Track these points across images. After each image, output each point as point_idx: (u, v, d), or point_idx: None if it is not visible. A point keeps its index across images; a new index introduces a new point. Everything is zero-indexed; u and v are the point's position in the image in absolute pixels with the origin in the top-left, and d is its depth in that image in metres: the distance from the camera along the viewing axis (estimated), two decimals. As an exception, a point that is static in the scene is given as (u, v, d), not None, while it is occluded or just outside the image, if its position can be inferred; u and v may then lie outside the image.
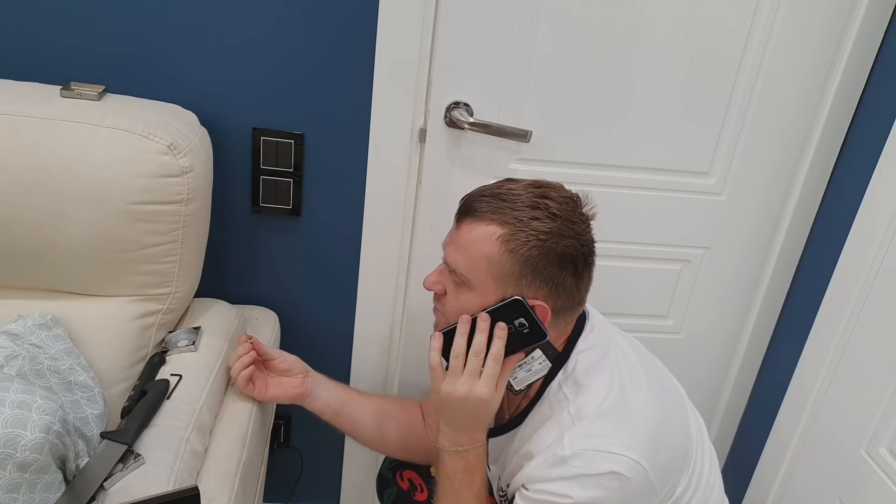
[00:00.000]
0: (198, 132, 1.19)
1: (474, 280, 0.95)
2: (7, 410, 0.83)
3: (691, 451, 1.03)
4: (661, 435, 0.95)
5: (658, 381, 1.03)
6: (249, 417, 1.18)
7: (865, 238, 1.31)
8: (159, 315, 1.20)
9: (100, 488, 0.91)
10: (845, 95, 1.37)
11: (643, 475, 0.91)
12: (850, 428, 1.34)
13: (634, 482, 0.90)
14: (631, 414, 0.94)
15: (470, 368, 0.95)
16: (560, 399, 0.98)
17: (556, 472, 0.91)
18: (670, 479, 0.97)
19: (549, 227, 0.92)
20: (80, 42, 1.23)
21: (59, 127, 1.08)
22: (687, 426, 1.04)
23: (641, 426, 0.93)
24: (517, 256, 0.92)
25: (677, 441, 0.99)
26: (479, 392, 0.94)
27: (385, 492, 1.32)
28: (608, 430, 0.92)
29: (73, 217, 1.08)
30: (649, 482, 0.92)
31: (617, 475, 0.89)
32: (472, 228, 0.94)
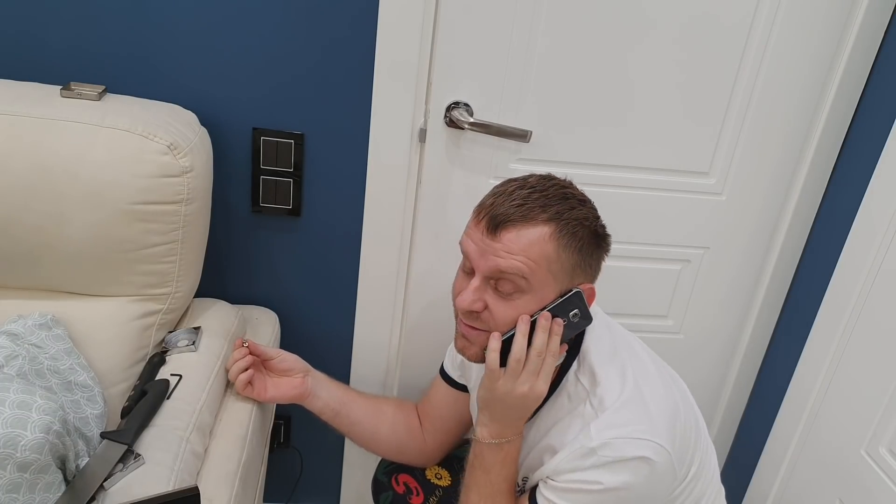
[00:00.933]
0: (198, 132, 1.19)
1: (536, 283, 0.95)
2: (7, 410, 0.83)
3: (700, 434, 1.06)
4: (676, 419, 0.97)
5: (662, 368, 1.06)
6: (249, 417, 1.18)
7: (865, 238, 1.31)
8: (159, 315, 1.20)
9: (100, 488, 0.91)
10: (845, 95, 1.37)
11: (668, 458, 0.93)
12: (850, 428, 1.34)
13: (661, 465, 0.92)
14: (647, 401, 0.96)
15: (531, 368, 0.96)
16: (579, 391, 1.00)
17: (587, 463, 0.93)
18: (685, 462, 0.99)
19: (584, 213, 0.96)
20: (80, 42, 1.23)
21: (59, 127, 1.08)
22: (694, 410, 1.07)
23: (659, 412, 0.96)
24: (572, 249, 0.94)
25: (689, 424, 1.01)
26: (539, 390, 0.97)
27: (381, 496, 1.33)
28: (631, 418, 0.94)
29: (73, 217, 1.08)
30: (671, 465, 0.94)
31: (646, 460, 0.91)
32: (521, 233, 0.93)
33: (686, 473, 1.01)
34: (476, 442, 1.02)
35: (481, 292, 0.98)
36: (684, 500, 1.03)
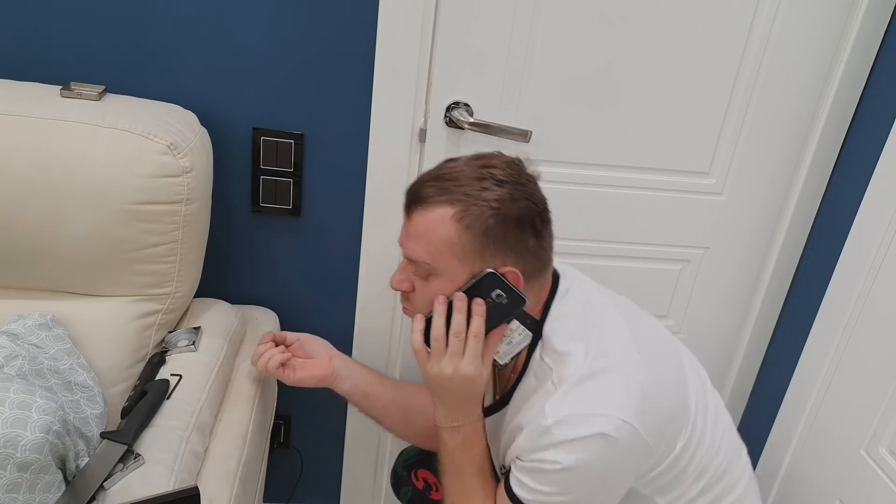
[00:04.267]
0: (198, 132, 1.19)
1: (440, 266, 0.94)
2: (7, 410, 0.83)
3: (690, 409, 1.02)
4: (650, 394, 0.94)
5: (645, 340, 1.02)
6: (249, 417, 1.18)
7: (865, 238, 1.31)
8: (159, 315, 1.20)
9: (100, 488, 0.91)
10: (845, 95, 1.37)
11: (632, 433, 0.90)
12: (850, 428, 1.34)
13: (624, 441, 0.89)
14: (613, 376, 0.93)
15: (452, 349, 0.95)
16: (544, 370, 0.97)
17: (545, 442, 0.91)
18: (665, 437, 0.96)
19: (499, 195, 0.92)
20: (80, 42, 1.23)
21: (59, 127, 1.08)
22: (684, 385, 1.03)
23: (625, 386, 0.92)
24: (475, 231, 0.92)
25: (671, 400, 0.98)
26: (464, 371, 0.95)
27: (401, 490, 1.33)
28: (588, 394, 0.91)
29: (73, 217, 1.08)
30: (641, 440, 0.91)
31: (602, 436, 0.88)
32: (425, 215, 0.94)
33: (670, 448, 0.98)
34: (437, 426, 1.02)
35: (408, 273, 0.99)
36: (680, 473, 1.00)
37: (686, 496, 1.03)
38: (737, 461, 1.09)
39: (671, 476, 1.00)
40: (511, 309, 0.95)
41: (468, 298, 0.95)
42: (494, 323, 0.96)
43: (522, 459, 0.95)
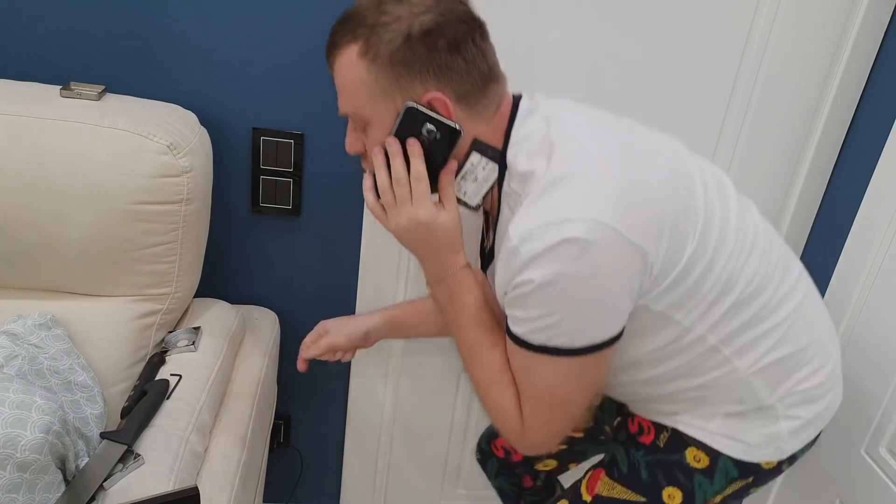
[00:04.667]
0: (198, 132, 1.19)
1: (366, 113, 0.88)
2: (7, 410, 0.83)
3: (698, 212, 0.88)
4: (629, 192, 0.83)
5: (628, 145, 0.90)
6: (249, 417, 1.18)
7: (866, 238, 1.31)
8: (159, 315, 1.20)
9: (100, 488, 0.91)
10: (845, 95, 1.37)
11: (610, 234, 0.79)
12: (850, 428, 1.34)
13: (602, 244, 0.79)
14: (578, 180, 0.82)
15: (399, 198, 0.89)
16: (513, 197, 0.88)
17: (515, 264, 0.82)
18: (664, 241, 0.84)
19: (395, 15, 0.83)
20: (80, 42, 1.23)
21: (58, 127, 1.08)
22: (686, 187, 0.89)
23: (594, 188, 0.81)
24: (382, 61, 0.84)
25: (663, 200, 0.85)
26: (417, 217, 0.88)
27: (487, 464, 1.35)
28: (551, 202, 0.81)
29: (72, 217, 1.08)
30: (626, 242, 0.80)
31: (572, 241, 0.78)
32: (338, 64, 0.87)
33: (678, 253, 0.86)
34: (427, 287, 0.97)
35: (356, 133, 0.93)
36: (697, 284, 0.88)
37: (710, 314, 0.91)
38: (780, 280, 0.96)
39: (686, 288, 0.88)
40: (449, 142, 0.86)
41: (401, 141, 0.87)
42: (438, 161, 0.88)
43: (507, 293, 0.86)
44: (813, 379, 0.99)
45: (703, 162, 0.97)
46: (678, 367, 0.95)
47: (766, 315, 0.94)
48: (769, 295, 0.94)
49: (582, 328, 0.84)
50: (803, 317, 0.98)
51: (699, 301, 0.90)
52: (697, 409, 0.99)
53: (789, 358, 0.97)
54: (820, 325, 1.02)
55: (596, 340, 0.85)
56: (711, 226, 0.89)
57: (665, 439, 1.02)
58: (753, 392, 0.97)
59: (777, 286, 0.95)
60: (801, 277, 1.01)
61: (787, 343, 0.96)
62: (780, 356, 0.96)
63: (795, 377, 0.98)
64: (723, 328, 0.92)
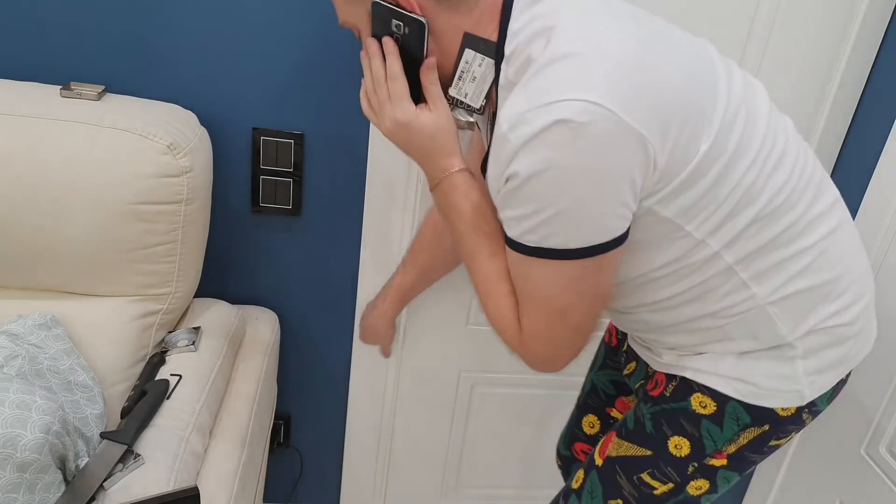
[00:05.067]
0: (197, 132, 1.19)
1: (350, 19, 0.87)
2: (7, 410, 0.84)
3: (717, 108, 0.79)
4: (636, 72, 0.74)
5: (649, 30, 0.80)
6: (249, 417, 1.18)
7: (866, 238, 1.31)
8: (159, 315, 1.20)
9: (99, 488, 0.91)
10: (845, 95, 1.37)
11: (607, 117, 0.70)
12: (851, 428, 1.34)
13: (596, 127, 0.70)
14: (581, 57, 0.73)
15: (380, 99, 0.86)
16: (510, 88, 0.80)
17: (504, 155, 0.74)
18: (673, 130, 0.75)
19: None
20: (80, 42, 1.23)
21: (58, 127, 1.08)
22: (708, 82, 0.80)
23: (597, 65, 0.73)
24: None
25: (676, 88, 0.76)
26: (396, 116, 0.85)
27: (572, 468, 1.29)
28: (544, 82, 0.73)
29: (72, 217, 1.08)
30: (626, 126, 0.71)
31: (563, 122, 0.70)
32: None
33: (691, 148, 0.77)
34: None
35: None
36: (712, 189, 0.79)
37: (727, 228, 0.82)
38: (812, 200, 0.87)
39: (698, 193, 0.79)
40: (419, 37, 0.81)
41: (378, 42, 0.84)
42: (418, 58, 0.83)
43: (500, 191, 0.79)
44: (841, 317, 0.91)
45: (733, 66, 0.87)
46: (689, 289, 0.87)
47: (792, 238, 0.85)
48: (797, 214, 0.85)
49: (578, 226, 0.75)
50: (836, 246, 0.89)
51: (714, 211, 0.81)
52: (708, 345, 0.92)
53: (815, 290, 0.88)
54: (855, 258, 0.92)
55: (595, 241, 0.76)
56: (733, 127, 0.79)
57: (672, 389, 0.96)
58: (772, 325, 0.88)
59: (808, 207, 0.86)
60: (837, 204, 0.91)
61: (814, 273, 0.87)
62: (806, 286, 0.87)
63: (821, 313, 0.89)
64: (741, 247, 0.84)
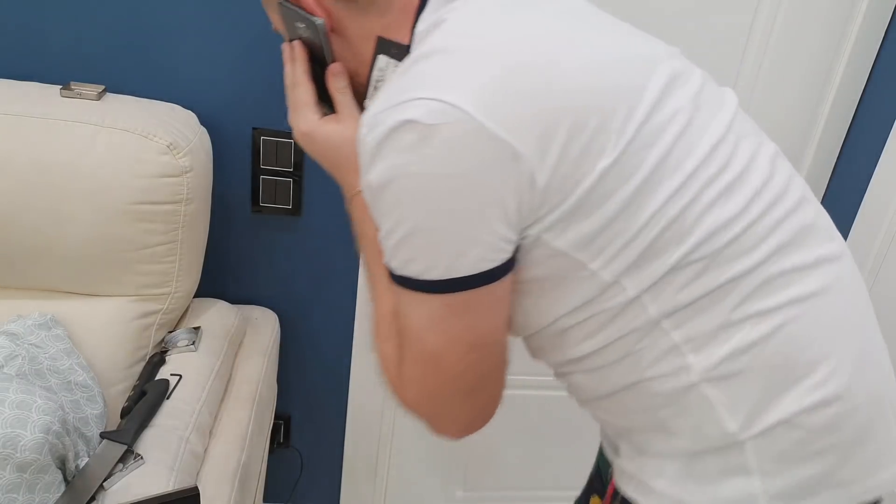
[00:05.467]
0: (197, 132, 1.19)
1: (275, 23, 0.81)
2: (7, 410, 0.83)
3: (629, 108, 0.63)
4: (518, 73, 0.61)
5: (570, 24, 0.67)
6: (249, 418, 1.18)
7: (866, 239, 1.31)
8: (159, 315, 1.20)
9: (99, 488, 0.91)
10: (845, 95, 1.37)
11: (463, 121, 0.58)
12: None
13: (447, 131, 0.58)
14: (451, 52, 0.62)
15: (290, 105, 0.78)
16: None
17: (364, 161, 0.64)
18: (554, 143, 0.60)
19: None
20: (80, 42, 1.23)
21: (58, 127, 1.08)
22: (626, 87, 0.64)
23: (469, 61, 0.61)
24: None
25: (570, 92, 0.61)
26: (298, 125, 0.77)
27: None
28: (406, 81, 0.62)
29: (72, 217, 1.08)
30: (487, 133, 0.58)
31: (409, 124, 0.59)
32: None
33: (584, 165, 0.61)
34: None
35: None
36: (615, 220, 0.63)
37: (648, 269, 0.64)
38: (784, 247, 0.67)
39: (600, 221, 0.63)
40: (316, 36, 0.73)
41: (289, 44, 0.78)
42: (321, 61, 0.76)
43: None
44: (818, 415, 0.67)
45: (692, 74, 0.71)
46: (612, 343, 0.69)
47: (743, 295, 0.65)
48: (753, 263, 0.65)
49: (435, 252, 0.62)
50: (815, 317, 0.67)
51: (625, 246, 0.64)
52: (649, 436, 0.72)
53: (776, 371, 0.66)
54: (847, 338, 0.70)
55: (457, 273, 0.62)
56: (655, 142, 0.63)
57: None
58: (713, 414, 0.67)
59: (773, 255, 0.66)
60: (831, 262, 0.70)
61: (775, 346, 0.66)
62: (761, 365, 0.66)
63: (785, 403, 0.66)
64: (669, 298, 0.65)
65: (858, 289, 0.74)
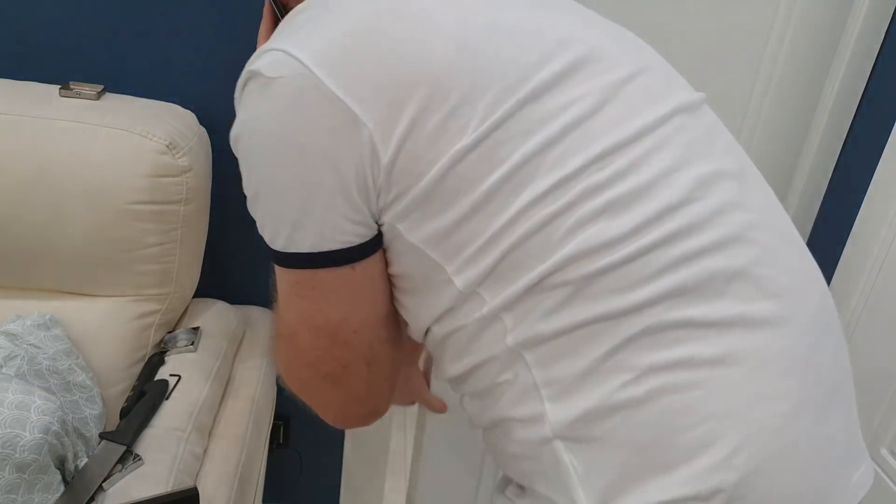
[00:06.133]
0: (197, 132, 1.19)
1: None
2: (6, 411, 0.83)
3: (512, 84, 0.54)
4: (378, 32, 0.55)
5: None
6: (248, 418, 1.17)
7: (867, 240, 1.30)
8: (158, 315, 1.20)
9: (99, 489, 0.91)
10: (845, 95, 1.37)
11: (302, 75, 0.54)
12: (851, 428, 1.34)
13: (285, 85, 0.55)
14: (311, 9, 0.60)
15: None
16: None
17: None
18: (407, 110, 0.53)
19: None
20: (80, 42, 1.23)
21: (57, 127, 1.08)
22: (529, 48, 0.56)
23: (327, 18, 0.58)
24: None
25: (432, 53, 0.54)
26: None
27: None
28: (274, 35, 0.62)
29: (71, 217, 1.08)
30: (326, 92, 0.53)
31: (254, 76, 0.58)
32: None
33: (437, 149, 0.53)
34: None
35: None
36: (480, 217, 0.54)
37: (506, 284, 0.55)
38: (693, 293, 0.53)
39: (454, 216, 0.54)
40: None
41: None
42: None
43: None
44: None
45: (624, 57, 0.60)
46: (473, 370, 0.60)
47: (618, 343, 0.53)
48: (636, 303, 0.52)
49: (278, 218, 0.59)
50: (710, 389, 0.52)
51: (480, 250, 0.55)
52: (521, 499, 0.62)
53: (648, 448, 0.53)
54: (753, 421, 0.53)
55: (297, 247, 0.58)
56: (536, 130, 0.54)
57: None
58: (566, 483, 0.55)
59: (668, 299, 0.52)
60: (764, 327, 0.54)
61: (649, 417, 0.52)
62: (625, 438, 0.53)
63: (646, 487, 0.52)
64: (530, 323, 0.55)
65: (808, 365, 0.55)
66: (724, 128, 0.64)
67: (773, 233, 0.58)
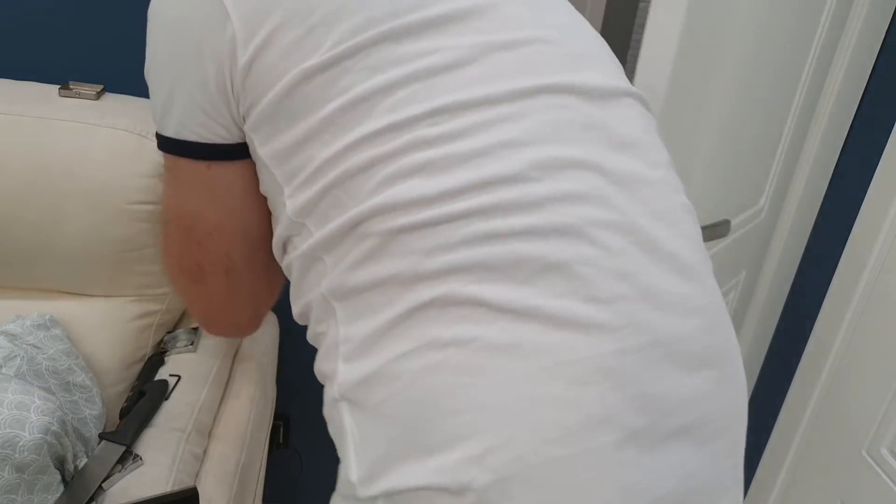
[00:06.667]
0: (197, 132, 1.19)
1: None
2: (5, 411, 0.83)
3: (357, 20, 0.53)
4: None
5: None
6: (248, 418, 1.17)
7: (868, 239, 1.30)
8: (158, 315, 1.20)
9: (98, 489, 0.91)
10: (845, 95, 1.37)
11: None
12: (852, 429, 1.33)
13: None
14: None
15: None
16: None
17: None
18: (269, 21, 0.54)
19: None
20: (80, 42, 1.23)
21: (57, 126, 1.08)
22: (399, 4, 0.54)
23: None
24: None
25: None
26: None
27: None
28: None
29: (71, 217, 1.08)
30: None
31: None
32: None
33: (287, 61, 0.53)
34: None
35: None
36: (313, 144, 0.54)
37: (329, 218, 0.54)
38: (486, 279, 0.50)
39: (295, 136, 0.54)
40: None
41: None
42: None
43: None
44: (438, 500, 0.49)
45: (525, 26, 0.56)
46: (303, 312, 0.64)
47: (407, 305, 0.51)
48: (429, 270, 0.50)
49: (156, 95, 0.64)
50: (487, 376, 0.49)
51: (311, 176, 0.54)
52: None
53: (411, 423, 0.50)
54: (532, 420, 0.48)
55: (164, 130, 0.63)
56: (385, 68, 0.52)
57: None
58: (346, 448, 0.57)
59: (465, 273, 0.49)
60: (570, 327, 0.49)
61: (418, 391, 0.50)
62: (396, 411, 0.51)
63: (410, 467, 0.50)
64: (343, 271, 0.53)
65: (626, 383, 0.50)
66: (650, 130, 0.59)
67: (638, 245, 0.52)
